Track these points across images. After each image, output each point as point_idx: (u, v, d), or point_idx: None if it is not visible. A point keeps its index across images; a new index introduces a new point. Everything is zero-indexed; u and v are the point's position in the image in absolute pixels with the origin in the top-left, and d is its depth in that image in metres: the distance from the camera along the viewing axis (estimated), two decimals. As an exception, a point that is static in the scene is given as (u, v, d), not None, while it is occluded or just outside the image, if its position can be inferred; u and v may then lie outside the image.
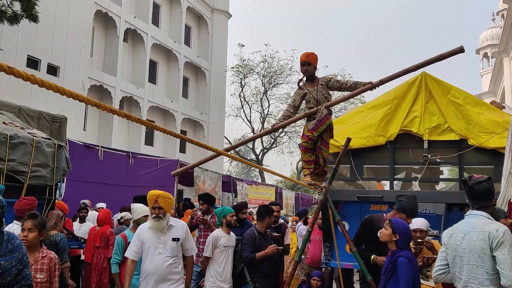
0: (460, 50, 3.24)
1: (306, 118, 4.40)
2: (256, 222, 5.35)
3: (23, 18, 13.41)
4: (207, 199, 6.20)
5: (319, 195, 4.39)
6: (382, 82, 3.78)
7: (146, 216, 5.21)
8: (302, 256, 6.62)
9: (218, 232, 5.21)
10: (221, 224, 5.27)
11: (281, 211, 8.45)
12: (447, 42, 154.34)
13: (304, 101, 4.43)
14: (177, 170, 4.15)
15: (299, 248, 4.83)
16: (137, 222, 5.27)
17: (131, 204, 5.79)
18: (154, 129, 2.00)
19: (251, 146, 33.85)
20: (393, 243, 3.77)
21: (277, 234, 5.51)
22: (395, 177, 6.18)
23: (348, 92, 4.15)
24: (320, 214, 5.35)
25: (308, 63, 4.29)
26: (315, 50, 4.47)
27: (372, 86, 3.86)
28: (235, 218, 5.25)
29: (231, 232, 5.28)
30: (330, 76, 4.45)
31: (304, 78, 4.44)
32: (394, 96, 6.06)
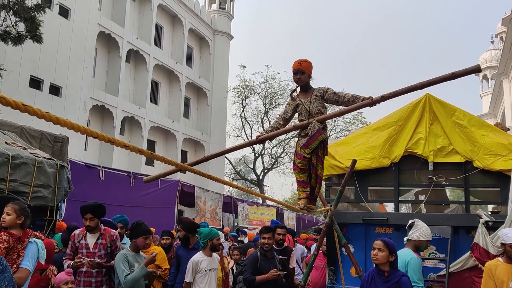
0: (477, 69, 2.91)
1: (298, 134, 3.91)
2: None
3: (27, 38, 13.54)
4: (97, 211, 4.72)
5: (324, 217, 4.29)
6: (383, 98, 3.31)
7: (428, 240, 4.42)
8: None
9: (198, 256, 4.98)
10: (205, 246, 5.02)
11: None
12: (446, 63, 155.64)
13: (296, 113, 3.97)
14: (149, 177, 3.60)
15: (304, 272, 4.72)
16: (416, 245, 4.35)
17: (415, 220, 4.50)
18: (155, 158, 1.94)
19: (251, 167, 33.77)
20: (387, 264, 3.77)
21: (282, 257, 5.40)
22: (399, 199, 6.12)
23: (345, 107, 3.69)
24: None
25: (302, 71, 3.86)
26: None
27: (372, 102, 3.37)
28: (220, 242, 5.08)
29: (213, 254, 5.09)
30: (327, 87, 3.85)
31: (298, 89, 3.99)
32: (398, 117, 6.04)
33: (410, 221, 4.42)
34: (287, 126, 3.97)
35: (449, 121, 5.79)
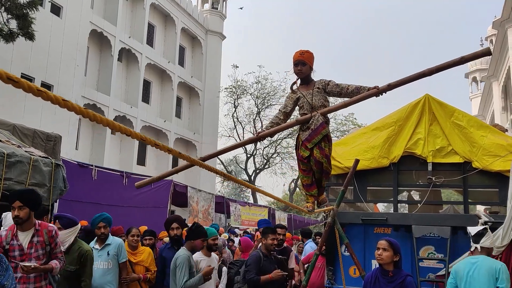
0: (487, 52, 2.78)
1: (299, 127, 3.67)
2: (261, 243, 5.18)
3: (19, 36, 13.36)
4: (27, 198, 3.83)
5: (326, 217, 4.26)
6: (390, 86, 3.07)
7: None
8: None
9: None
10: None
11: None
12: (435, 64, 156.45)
13: (297, 107, 3.75)
14: (141, 182, 3.34)
15: (306, 273, 4.69)
16: (489, 252, 4.08)
17: (486, 227, 4.22)
18: (182, 158, 1.88)
19: (243, 167, 33.70)
20: (392, 264, 3.75)
21: (282, 257, 5.37)
22: (398, 199, 6.12)
23: (349, 98, 3.43)
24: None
25: (303, 62, 3.63)
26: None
27: (378, 91, 3.14)
28: (216, 242, 5.05)
29: (212, 254, 5.05)
30: (329, 80, 3.66)
31: (298, 81, 3.75)
32: (397, 118, 6.05)
33: (479, 229, 4.14)
34: (289, 121, 3.76)
35: (448, 121, 5.81)
